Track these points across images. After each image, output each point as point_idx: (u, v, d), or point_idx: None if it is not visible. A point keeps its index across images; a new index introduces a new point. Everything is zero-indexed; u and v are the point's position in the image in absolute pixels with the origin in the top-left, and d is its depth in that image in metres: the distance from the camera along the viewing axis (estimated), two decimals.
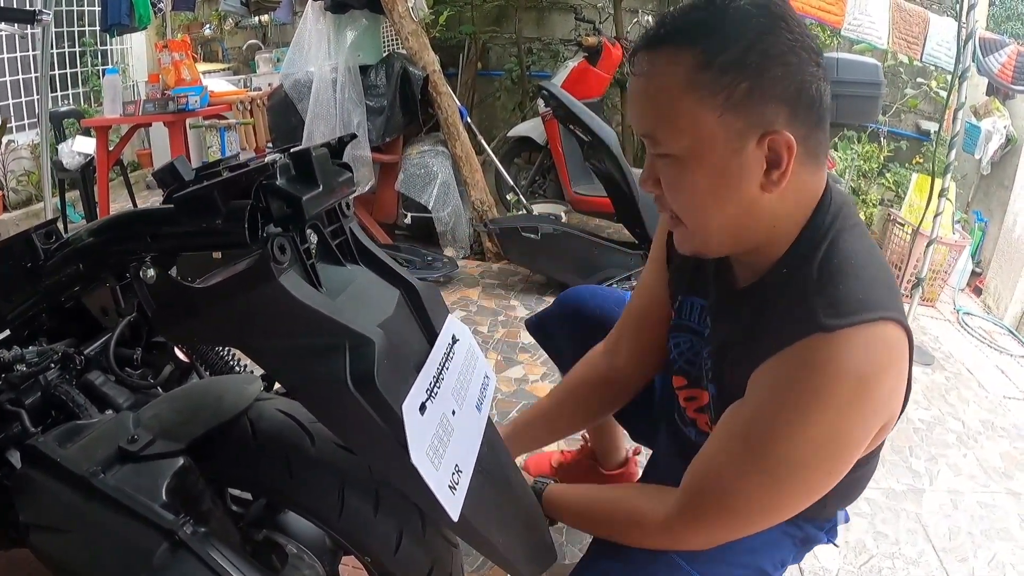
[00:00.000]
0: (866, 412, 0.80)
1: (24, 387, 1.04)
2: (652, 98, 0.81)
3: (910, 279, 3.29)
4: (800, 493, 0.86)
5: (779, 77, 0.77)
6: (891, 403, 0.83)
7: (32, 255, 0.95)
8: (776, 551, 1.04)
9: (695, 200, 0.83)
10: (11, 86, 4.81)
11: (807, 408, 0.78)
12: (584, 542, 1.66)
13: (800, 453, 0.81)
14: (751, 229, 0.85)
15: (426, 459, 0.71)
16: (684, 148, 0.80)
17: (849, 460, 0.84)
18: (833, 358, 0.77)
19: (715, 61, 0.76)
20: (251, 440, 0.91)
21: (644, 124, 0.83)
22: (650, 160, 0.85)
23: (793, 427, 0.80)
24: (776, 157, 0.78)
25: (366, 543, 0.91)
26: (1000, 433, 2.40)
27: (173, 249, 0.79)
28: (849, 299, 0.79)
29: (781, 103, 0.77)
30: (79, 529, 0.84)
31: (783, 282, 0.85)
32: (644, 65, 0.81)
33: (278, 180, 0.72)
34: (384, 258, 0.88)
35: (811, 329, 0.78)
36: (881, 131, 4.52)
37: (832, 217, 0.85)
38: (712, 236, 0.86)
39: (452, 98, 3.57)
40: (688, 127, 0.78)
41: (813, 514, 0.96)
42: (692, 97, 0.77)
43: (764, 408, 0.83)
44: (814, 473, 0.83)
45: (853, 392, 0.77)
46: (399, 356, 0.74)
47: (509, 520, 0.89)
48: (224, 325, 0.75)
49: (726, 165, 0.79)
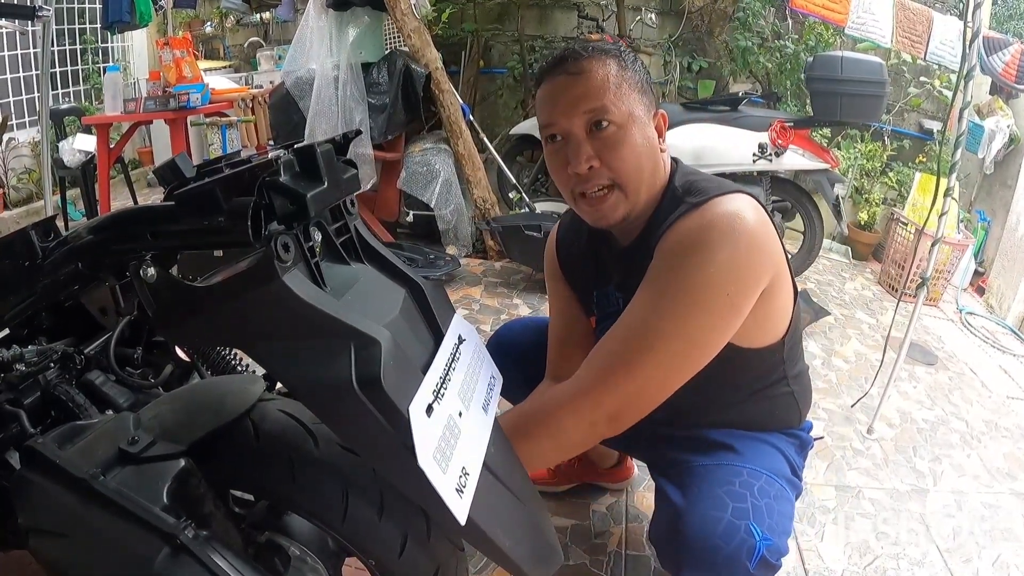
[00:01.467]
0: (747, 243, 1.01)
1: (23, 387, 1.03)
2: (599, 82, 1.08)
3: (914, 278, 3.28)
4: (709, 322, 1.02)
5: (649, 79, 1.15)
6: (767, 247, 1.04)
7: (30, 253, 0.93)
8: (787, 451, 1.26)
9: (635, 156, 1.10)
10: (12, 83, 4.80)
11: (697, 255, 1.00)
12: (590, 543, 1.66)
13: (700, 288, 1.00)
14: (655, 183, 1.14)
15: (433, 462, 0.70)
16: (626, 116, 1.08)
17: (746, 292, 1.03)
18: (704, 213, 1.04)
19: (627, 63, 1.12)
20: (254, 442, 0.90)
21: (592, 102, 1.07)
22: (584, 142, 1.09)
23: (688, 271, 1.01)
24: (659, 128, 1.15)
25: (370, 547, 0.89)
26: (1004, 433, 2.39)
27: (174, 247, 0.78)
28: (709, 191, 1.08)
29: (654, 96, 1.16)
30: (78, 533, 0.82)
31: (662, 218, 1.10)
32: (580, 65, 1.09)
33: (282, 176, 0.70)
34: (389, 256, 0.87)
35: (683, 211, 1.06)
36: (884, 130, 4.51)
37: (679, 167, 1.19)
38: (642, 190, 1.12)
39: (454, 96, 3.55)
40: (626, 100, 1.09)
41: (795, 424, 1.30)
42: (625, 83, 1.10)
43: (658, 271, 1.04)
44: (717, 298, 1.01)
45: (729, 226, 1.01)
46: (405, 357, 0.73)
47: (515, 522, 0.88)
48: (226, 325, 0.73)
49: (648, 130, 1.12)
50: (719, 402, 1.24)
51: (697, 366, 1.05)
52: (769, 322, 1.16)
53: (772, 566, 1.05)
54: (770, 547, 1.04)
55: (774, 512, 1.09)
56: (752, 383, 1.23)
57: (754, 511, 1.07)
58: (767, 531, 1.05)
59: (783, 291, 1.14)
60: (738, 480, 1.12)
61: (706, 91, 4.86)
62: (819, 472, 2.05)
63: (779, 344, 1.19)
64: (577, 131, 1.09)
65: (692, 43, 4.92)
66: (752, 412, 1.25)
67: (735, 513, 1.06)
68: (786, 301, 1.16)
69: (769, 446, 1.23)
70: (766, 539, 1.04)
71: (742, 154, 3.24)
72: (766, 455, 1.21)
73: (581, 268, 1.33)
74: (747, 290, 1.03)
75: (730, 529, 1.04)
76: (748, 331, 1.11)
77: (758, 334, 1.16)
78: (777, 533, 1.07)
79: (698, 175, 1.16)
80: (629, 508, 1.81)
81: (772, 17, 4.80)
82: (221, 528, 0.90)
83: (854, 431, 2.29)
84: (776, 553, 1.05)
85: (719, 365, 1.10)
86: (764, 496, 1.10)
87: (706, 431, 1.25)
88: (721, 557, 1.03)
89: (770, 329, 1.17)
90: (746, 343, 1.14)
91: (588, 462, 1.83)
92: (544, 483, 1.82)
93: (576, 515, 1.77)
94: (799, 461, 1.29)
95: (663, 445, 1.29)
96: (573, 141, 1.10)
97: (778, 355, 1.20)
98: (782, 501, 1.14)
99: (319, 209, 0.73)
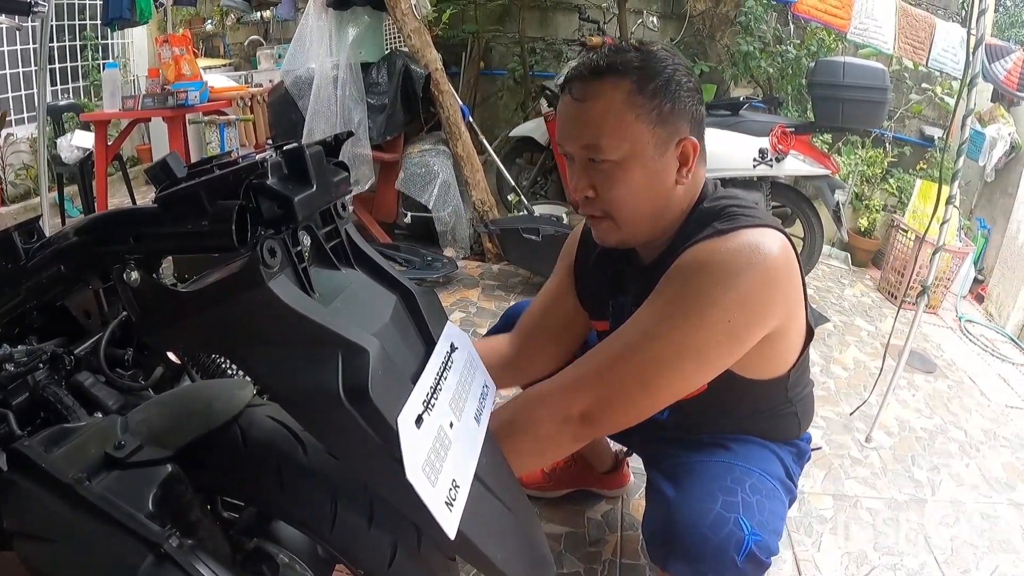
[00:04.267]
0: (763, 278, 0.98)
1: (11, 387, 1.01)
2: (598, 116, 1.03)
3: (914, 286, 3.27)
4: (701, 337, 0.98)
5: (686, 100, 1.05)
6: (783, 288, 1.01)
7: (12, 255, 0.92)
8: (785, 458, 1.26)
9: (631, 196, 1.06)
10: (11, 79, 4.79)
11: (708, 275, 0.97)
12: (585, 551, 1.64)
13: (701, 304, 0.97)
14: (664, 216, 1.10)
15: (422, 475, 0.68)
16: (625, 153, 1.03)
17: (749, 325, 0.99)
18: (729, 240, 1.00)
19: (646, 88, 1.02)
20: (241, 448, 0.88)
21: (588, 137, 1.04)
22: (583, 170, 1.08)
23: (694, 287, 0.98)
24: (685, 157, 1.07)
25: (359, 556, 0.87)
26: (1002, 443, 2.38)
27: (158, 251, 0.76)
28: (740, 219, 1.03)
29: (687, 118, 1.06)
30: (63, 539, 0.81)
31: (686, 238, 1.05)
32: (587, 91, 1.04)
33: (269, 179, 0.68)
34: (381, 261, 0.85)
35: (708, 234, 1.02)
36: (885, 136, 4.50)
37: (715, 191, 1.14)
38: (640, 224, 1.10)
39: (454, 97, 3.54)
40: (628, 137, 1.02)
41: (794, 436, 1.29)
42: (631, 114, 1.02)
43: (665, 284, 1.02)
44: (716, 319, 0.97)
45: (749, 257, 0.97)
46: (395, 366, 0.71)
47: (507, 534, 0.86)
48: (211, 331, 0.72)
49: (654, 166, 1.05)
50: (718, 419, 1.24)
51: (682, 381, 1.02)
52: (777, 357, 1.14)
53: (761, 563, 1.04)
54: (759, 543, 1.03)
55: (765, 509, 1.09)
56: (755, 405, 1.22)
57: (744, 506, 1.06)
58: (757, 526, 1.04)
59: (795, 331, 1.12)
60: (730, 476, 1.12)
61: (707, 95, 4.84)
62: (817, 481, 2.03)
63: (784, 376, 1.17)
64: (579, 157, 1.08)
65: (694, 47, 4.91)
66: (752, 428, 1.25)
67: (725, 506, 1.05)
68: (796, 340, 1.14)
69: (765, 449, 1.23)
70: (755, 534, 1.03)
71: (743, 159, 3.23)
72: (761, 456, 1.21)
73: (597, 274, 1.31)
74: (751, 324, 1.00)
75: (719, 521, 1.03)
76: (752, 364, 1.10)
77: (764, 367, 1.14)
78: (767, 531, 1.06)
79: (734, 200, 1.10)
80: (625, 516, 1.80)
81: (774, 22, 4.79)
82: (207, 536, 0.89)
83: (852, 439, 2.28)
84: (766, 550, 1.04)
85: (720, 391, 1.09)
86: (755, 493, 1.10)
87: (701, 436, 1.25)
88: (709, 548, 1.02)
89: (777, 362, 1.15)
90: (749, 374, 1.13)
91: (585, 464, 1.81)
92: (539, 487, 1.81)
93: (571, 522, 1.76)
94: (795, 468, 1.29)
95: (657, 442, 1.30)
96: (576, 165, 1.10)
97: (782, 384, 1.19)
98: (774, 500, 1.13)
99: (307, 213, 0.71)
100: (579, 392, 1.02)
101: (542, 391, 1.06)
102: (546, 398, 1.04)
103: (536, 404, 1.05)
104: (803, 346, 1.16)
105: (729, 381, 1.08)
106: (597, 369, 1.02)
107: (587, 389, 1.01)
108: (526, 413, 1.05)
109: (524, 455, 1.04)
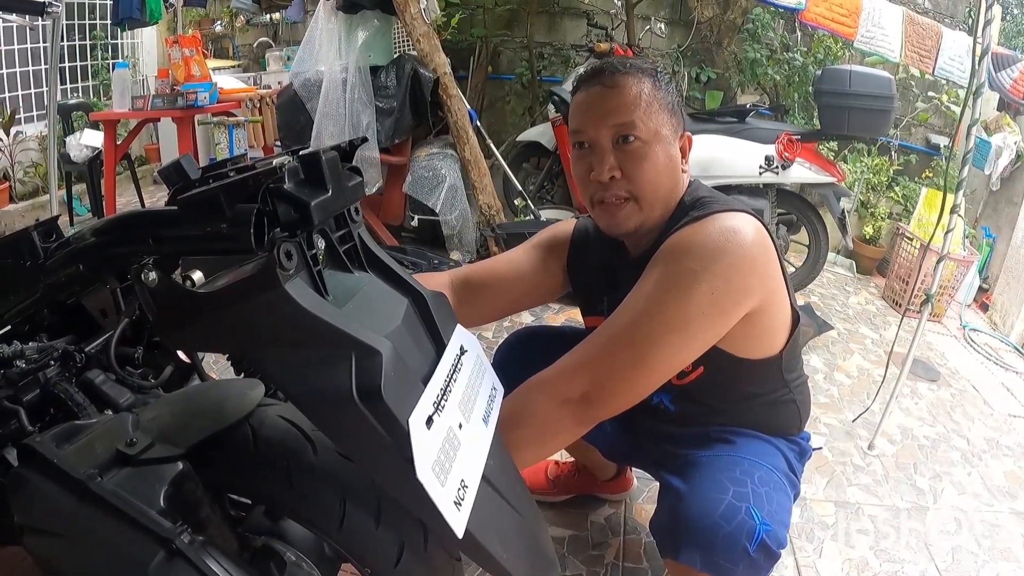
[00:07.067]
0: (738, 256, 1.04)
1: (23, 384, 1.03)
2: (632, 98, 1.13)
3: (918, 294, 3.27)
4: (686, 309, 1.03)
5: (679, 103, 1.21)
6: (759, 267, 1.07)
7: (32, 253, 0.93)
8: (788, 455, 1.28)
9: (656, 174, 1.15)
10: (21, 77, 4.82)
11: (688, 256, 1.04)
12: (588, 554, 1.65)
13: (684, 279, 1.03)
14: (668, 203, 1.19)
15: (431, 474, 0.69)
16: (652, 134, 1.14)
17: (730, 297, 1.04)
18: (704, 225, 1.07)
19: (661, 84, 1.17)
20: (252, 447, 0.89)
21: (622, 115, 1.13)
22: (608, 152, 1.14)
23: (674, 267, 1.04)
24: (684, 150, 1.21)
25: (366, 555, 0.89)
26: (1005, 452, 2.38)
27: (176, 252, 0.77)
28: (712, 206, 1.12)
29: (683, 117, 1.21)
30: (73, 534, 0.82)
31: (670, 231, 1.12)
32: (616, 79, 1.14)
33: (286, 184, 0.70)
34: (393, 265, 0.86)
35: (684, 223, 1.10)
36: (891, 144, 4.51)
37: (695, 188, 1.22)
38: (656, 207, 1.17)
39: (462, 101, 3.55)
40: (655, 119, 1.14)
41: (794, 432, 1.32)
42: (656, 102, 1.15)
43: (648, 271, 1.08)
44: (699, 290, 1.02)
45: (723, 239, 1.04)
46: (406, 367, 0.72)
47: (512, 534, 0.87)
48: (226, 332, 0.73)
49: (671, 151, 1.17)
50: (721, 405, 1.27)
51: (672, 357, 1.05)
52: (766, 336, 1.19)
53: (772, 553, 1.05)
54: (769, 533, 1.04)
55: (773, 501, 1.10)
56: (753, 388, 1.26)
57: (754, 496, 1.08)
58: (767, 517, 1.06)
59: (779, 312, 1.17)
60: (739, 468, 1.15)
61: (714, 102, 4.86)
62: (819, 488, 2.04)
63: (776, 357, 1.22)
64: (604, 141, 1.15)
65: (701, 54, 4.92)
66: (755, 416, 1.27)
67: (736, 496, 1.07)
68: (783, 321, 1.19)
69: (769, 444, 1.26)
70: (765, 524, 1.04)
71: (748, 166, 3.23)
72: (766, 451, 1.24)
73: (591, 273, 1.37)
74: (733, 295, 1.05)
75: (731, 510, 1.05)
76: (745, 343, 1.16)
77: (755, 346, 1.19)
78: (776, 522, 1.07)
79: (709, 193, 1.20)
80: (628, 520, 1.80)
81: (781, 29, 4.81)
82: (217, 533, 0.90)
83: (855, 447, 2.28)
84: (776, 541, 1.05)
85: (718, 372, 1.18)
86: (764, 484, 1.12)
87: (708, 429, 1.28)
88: (721, 536, 1.03)
89: (767, 342, 1.20)
90: (743, 354, 1.18)
91: (587, 474, 1.82)
92: (542, 493, 1.82)
93: (574, 525, 1.77)
94: (798, 465, 1.31)
95: (666, 442, 1.33)
96: (599, 150, 1.16)
97: (776, 366, 1.23)
98: (781, 493, 1.15)
99: (323, 217, 0.72)
100: (576, 375, 1.05)
101: (540, 379, 1.08)
102: (544, 384, 1.07)
103: (535, 391, 1.07)
104: (791, 328, 1.21)
105: (723, 360, 1.16)
106: (593, 352, 1.06)
107: (584, 371, 1.04)
108: (526, 401, 1.07)
109: (526, 444, 1.05)
